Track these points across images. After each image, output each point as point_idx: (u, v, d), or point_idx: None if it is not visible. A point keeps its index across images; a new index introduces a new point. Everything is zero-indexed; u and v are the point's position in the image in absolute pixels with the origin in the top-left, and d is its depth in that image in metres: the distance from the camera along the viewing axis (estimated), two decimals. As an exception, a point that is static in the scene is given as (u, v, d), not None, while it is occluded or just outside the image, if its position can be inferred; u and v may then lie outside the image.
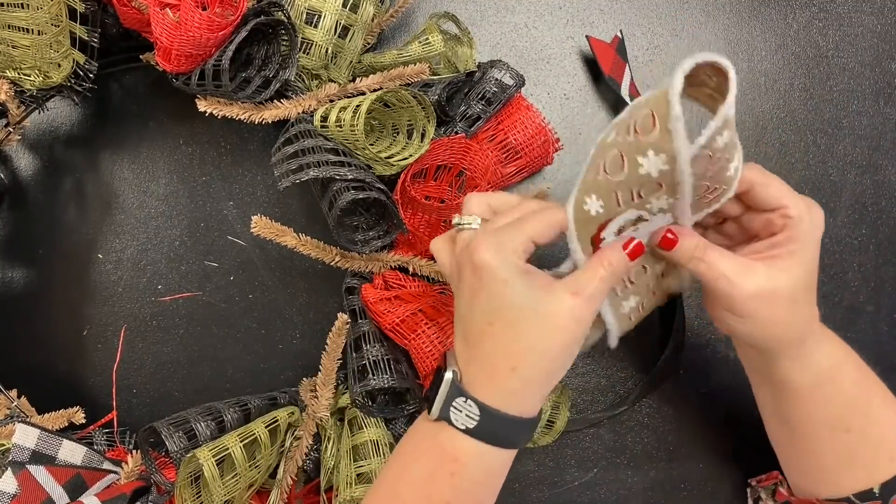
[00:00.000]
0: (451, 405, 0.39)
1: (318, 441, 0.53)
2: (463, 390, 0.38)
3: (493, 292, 0.38)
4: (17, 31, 0.47)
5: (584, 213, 0.40)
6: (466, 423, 0.38)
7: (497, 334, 0.38)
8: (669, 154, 0.35)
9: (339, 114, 0.48)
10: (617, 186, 0.38)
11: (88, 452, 0.52)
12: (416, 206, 0.49)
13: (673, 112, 0.34)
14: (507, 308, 0.37)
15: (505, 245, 0.38)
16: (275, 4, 0.47)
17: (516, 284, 0.37)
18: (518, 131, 0.54)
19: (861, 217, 0.59)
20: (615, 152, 0.37)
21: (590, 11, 0.59)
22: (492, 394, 0.38)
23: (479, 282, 0.38)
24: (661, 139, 0.35)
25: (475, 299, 0.38)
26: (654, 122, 0.35)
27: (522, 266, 0.38)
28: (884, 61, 0.59)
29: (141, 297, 0.59)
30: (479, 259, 0.38)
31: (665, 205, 0.38)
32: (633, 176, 0.37)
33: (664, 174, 0.36)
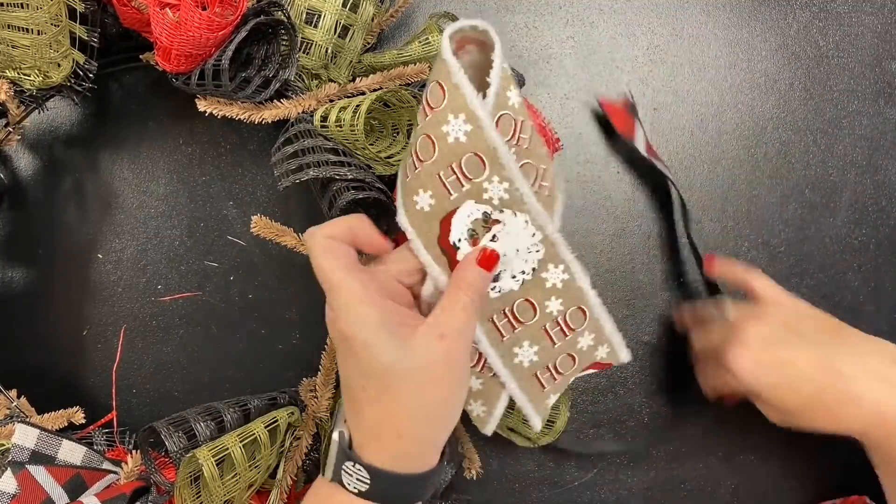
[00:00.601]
0: (342, 468, 0.37)
1: (318, 441, 0.53)
2: (351, 454, 0.37)
3: (358, 358, 0.35)
4: (17, 31, 0.47)
5: (418, 212, 0.38)
6: (358, 487, 0.36)
7: (373, 399, 0.36)
8: (467, 112, 0.35)
9: (339, 114, 0.48)
10: (436, 167, 0.37)
11: (88, 452, 0.52)
12: (415, 206, 0.49)
13: (451, 67, 0.34)
14: (375, 372, 0.35)
15: (351, 298, 0.36)
16: (275, 4, 0.47)
17: (378, 345, 0.35)
18: (518, 131, 0.54)
19: (861, 217, 0.59)
20: (422, 137, 0.36)
21: (590, 11, 0.59)
22: (381, 457, 0.36)
23: (343, 348, 0.36)
24: (453, 98, 0.35)
25: (345, 366, 0.37)
26: (442, 90, 0.35)
27: (377, 316, 0.35)
28: (884, 61, 0.59)
29: (141, 297, 0.59)
30: (335, 330, 0.36)
31: (504, 193, 0.37)
32: (446, 149, 0.36)
33: (473, 138, 0.35)
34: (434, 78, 0.36)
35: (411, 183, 0.38)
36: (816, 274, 0.59)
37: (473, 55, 0.38)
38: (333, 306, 0.37)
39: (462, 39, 0.37)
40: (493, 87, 0.36)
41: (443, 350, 0.35)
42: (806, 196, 0.59)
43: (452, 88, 0.35)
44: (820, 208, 0.59)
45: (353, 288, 0.36)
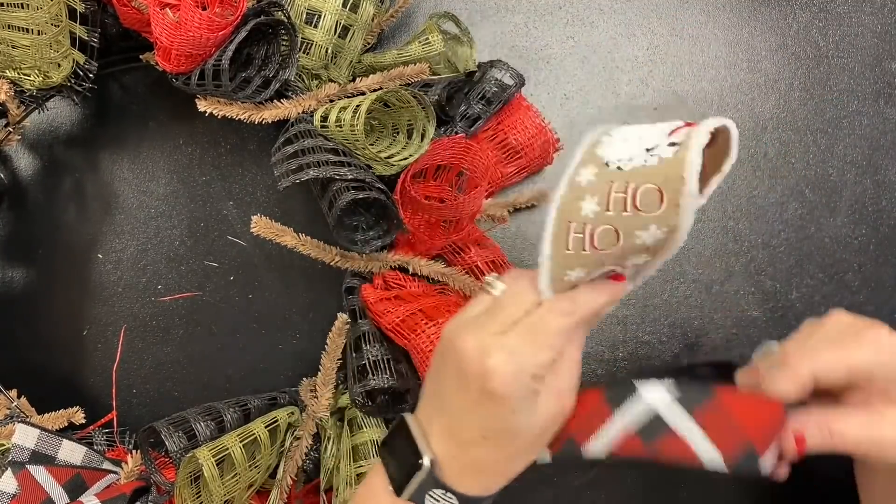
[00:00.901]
0: (428, 494, 0.37)
1: (318, 441, 0.53)
2: (442, 483, 0.37)
3: (497, 417, 0.36)
4: (17, 31, 0.47)
5: (565, 282, 0.37)
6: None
7: (490, 447, 0.37)
8: (672, 227, 0.33)
9: (339, 114, 0.48)
10: (608, 259, 0.36)
11: (88, 452, 0.52)
12: (416, 206, 0.49)
13: (688, 189, 0.32)
14: (506, 431, 0.36)
15: (526, 373, 0.35)
16: (275, 4, 0.47)
17: (522, 412, 0.36)
18: (518, 131, 0.54)
19: (861, 217, 0.59)
20: (608, 228, 0.34)
21: (590, 11, 0.59)
22: (473, 489, 0.38)
23: (486, 401, 0.36)
24: (668, 214, 0.33)
25: (475, 411, 0.36)
26: (661, 199, 0.33)
27: (535, 389, 0.36)
28: (884, 61, 0.59)
29: (141, 297, 0.59)
30: (494, 386, 0.35)
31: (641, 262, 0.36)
32: (629, 247, 0.35)
33: (658, 242, 0.34)
34: (656, 181, 0.33)
35: (571, 258, 0.36)
36: (816, 274, 0.59)
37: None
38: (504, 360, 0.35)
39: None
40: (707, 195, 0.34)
41: (559, 408, 0.37)
42: (806, 196, 0.59)
43: (673, 206, 0.32)
44: (820, 208, 0.59)
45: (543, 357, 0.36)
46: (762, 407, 0.36)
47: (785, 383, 0.37)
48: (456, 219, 0.50)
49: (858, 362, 0.37)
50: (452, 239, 0.53)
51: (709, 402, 0.36)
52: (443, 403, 0.39)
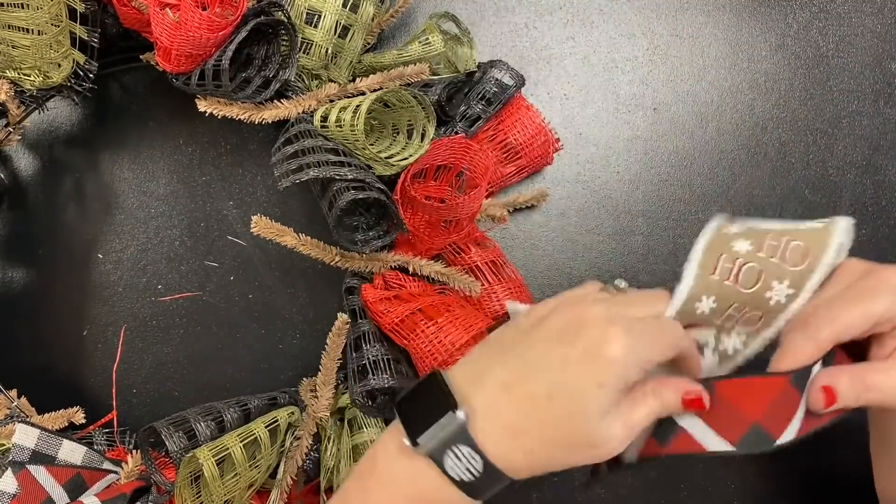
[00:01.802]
0: (451, 448, 0.34)
1: (318, 441, 0.53)
2: (473, 441, 0.34)
3: (582, 380, 0.34)
4: (17, 31, 0.47)
5: (692, 309, 0.39)
6: (462, 476, 0.34)
7: (546, 411, 0.34)
8: (797, 291, 0.37)
9: (339, 114, 0.48)
10: (739, 298, 0.38)
11: (88, 452, 0.52)
12: (416, 206, 0.49)
13: (827, 258, 0.37)
14: (577, 405, 0.34)
15: (640, 357, 0.34)
16: (275, 4, 0.47)
17: (605, 397, 0.34)
18: (518, 131, 0.54)
19: (861, 217, 0.59)
20: (754, 267, 0.38)
21: (590, 11, 0.59)
22: (500, 457, 0.35)
23: (583, 361, 0.34)
24: (804, 275, 0.37)
25: (562, 368, 0.35)
26: (805, 258, 0.37)
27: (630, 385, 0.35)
28: (884, 61, 0.59)
29: (141, 297, 0.59)
30: (608, 350, 0.34)
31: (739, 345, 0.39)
32: (758, 297, 0.38)
33: (774, 309, 0.38)
34: (807, 240, 0.38)
35: (713, 285, 0.39)
36: None
37: None
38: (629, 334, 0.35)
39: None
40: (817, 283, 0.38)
41: (619, 433, 0.35)
42: (806, 196, 0.59)
43: (810, 269, 0.37)
44: (820, 208, 0.59)
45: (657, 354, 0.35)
46: (759, 387, 0.36)
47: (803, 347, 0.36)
48: (456, 219, 0.50)
49: (880, 312, 0.35)
50: (452, 239, 0.53)
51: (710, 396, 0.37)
52: (517, 353, 0.36)
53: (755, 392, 0.36)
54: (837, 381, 0.35)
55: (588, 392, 0.34)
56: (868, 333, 0.37)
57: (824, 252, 0.37)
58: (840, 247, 0.38)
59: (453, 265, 0.54)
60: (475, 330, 0.49)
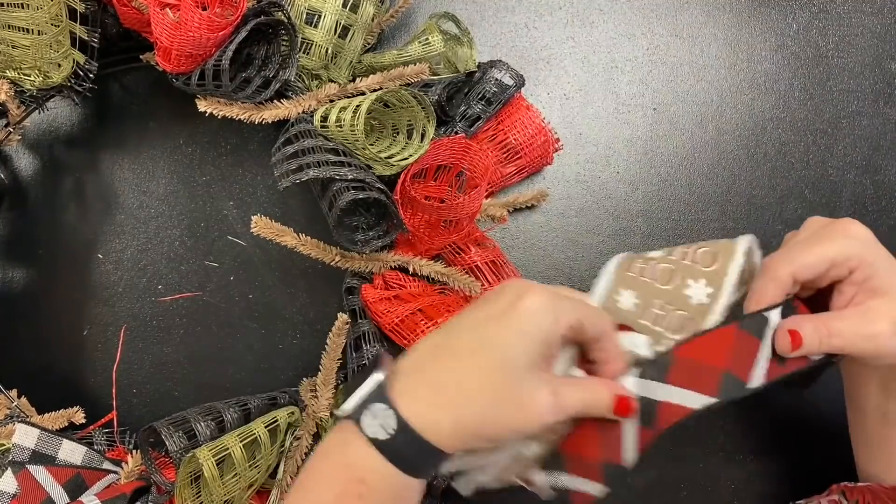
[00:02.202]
0: (368, 408, 0.34)
1: (318, 441, 0.53)
2: (387, 397, 0.34)
3: (504, 332, 0.35)
4: (17, 31, 0.47)
5: (613, 303, 0.41)
6: (377, 434, 0.34)
7: (467, 364, 0.35)
8: (718, 289, 0.40)
9: (339, 114, 0.48)
10: (658, 295, 0.41)
11: (88, 452, 0.52)
12: (416, 206, 0.49)
13: (736, 261, 0.40)
14: (500, 355, 0.35)
15: (557, 310, 0.36)
16: (275, 4, 0.47)
17: (528, 345, 0.35)
18: (518, 131, 0.54)
19: (861, 217, 0.59)
20: (668, 267, 0.41)
21: (590, 11, 0.59)
22: (419, 415, 0.34)
23: (504, 316, 0.36)
24: (717, 276, 0.40)
25: (483, 324, 0.36)
26: (714, 260, 0.41)
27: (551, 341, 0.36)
28: (884, 61, 0.59)
29: (141, 297, 0.59)
30: (525, 301, 0.35)
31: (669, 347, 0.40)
32: (677, 294, 0.40)
33: (699, 311, 0.40)
34: (714, 248, 0.41)
35: (630, 279, 0.42)
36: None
37: None
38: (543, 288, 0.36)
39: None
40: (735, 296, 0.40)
41: (546, 402, 0.35)
42: (806, 196, 0.59)
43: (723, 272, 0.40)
44: (820, 208, 0.59)
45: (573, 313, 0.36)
46: (715, 340, 0.39)
47: (765, 287, 0.39)
48: (456, 219, 0.50)
49: (833, 254, 0.39)
50: (452, 239, 0.53)
51: (672, 365, 0.38)
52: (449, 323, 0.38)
53: (713, 345, 0.38)
54: (802, 326, 0.38)
55: (511, 341, 0.35)
56: (826, 278, 0.40)
57: (733, 255, 0.40)
58: (748, 251, 0.41)
59: (453, 265, 0.54)
60: (475, 330, 0.49)
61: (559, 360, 0.39)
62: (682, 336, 0.39)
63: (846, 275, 0.39)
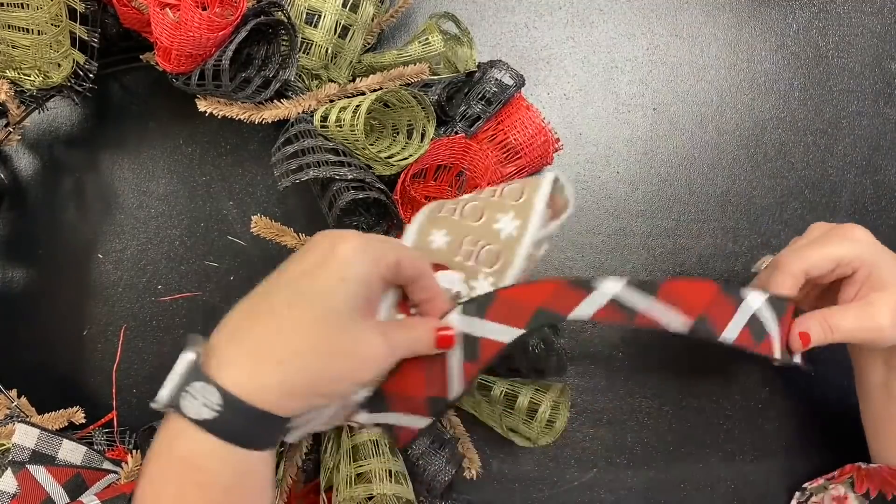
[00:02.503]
0: (185, 390, 0.32)
1: (318, 441, 0.53)
2: (202, 375, 0.32)
3: (321, 280, 0.34)
4: (17, 31, 0.47)
5: (427, 243, 0.43)
6: (202, 414, 0.31)
7: (287, 320, 0.33)
8: (525, 223, 0.41)
9: (339, 114, 0.48)
10: (469, 231, 0.42)
11: (88, 452, 0.52)
12: (416, 206, 0.49)
13: (542, 191, 0.41)
14: (318, 301, 0.33)
15: (374, 251, 0.35)
16: (275, 4, 0.47)
17: (348, 290, 0.34)
18: (518, 131, 0.54)
19: (861, 217, 0.59)
20: (477, 204, 0.42)
21: (590, 11, 0.59)
22: (241, 380, 0.32)
23: (320, 266, 0.34)
24: (524, 209, 0.41)
25: (298, 279, 0.34)
26: (521, 194, 0.42)
27: (370, 283, 0.35)
28: (884, 61, 0.59)
29: (141, 297, 0.59)
30: (340, 249, 0.35)
31: (489, 287, 0.41)
32: (486, 228, 0.42)
33: (508, 244, 0.41)
34: (522, 184, 0.42)
35: (440, 220, 0.43)
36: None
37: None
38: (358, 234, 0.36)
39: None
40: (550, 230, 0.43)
41: (378, 345, 0.35)
42: (806, 196, 0.59)
43: (529, 204, 0.42)
44: (820, 208, 0.59)
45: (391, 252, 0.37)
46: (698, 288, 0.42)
47: (782, 281, 0.45)
48: (456, 219, 0.50)
49: (840, 254, 0.44)
50: (452, 239, 0.53)
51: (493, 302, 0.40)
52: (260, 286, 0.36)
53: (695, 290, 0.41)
54: (809, 325, 0.43)
55: (330, 289, 0.34)
56: (832, 275, 0.46)
57: (538, 188, 0.42)
58: (555, 182, 0.42)
59: (453, 265, 0.54)
60: (475, 330, 0.49)
61: (381, 306, 0.39)
62: (493, 269, 0.41)
63: (850, 273, 0.45)
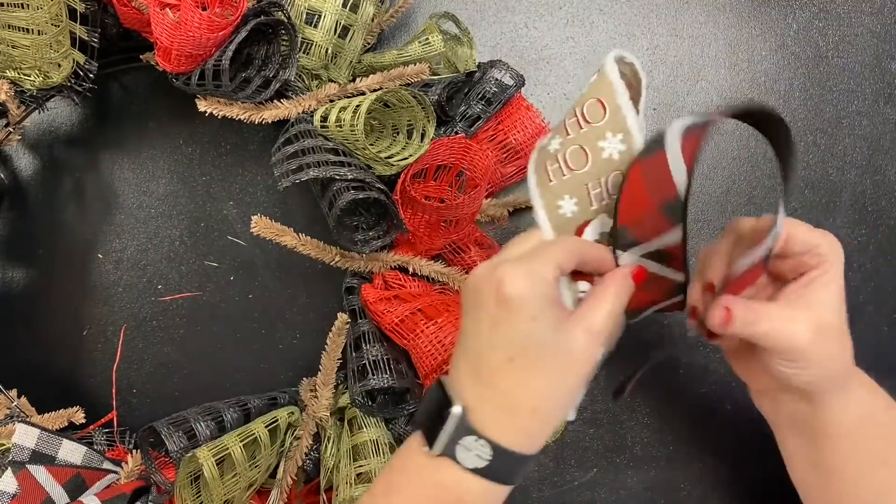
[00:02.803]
0: (458, 443, 0.36)
1: (318, 441, 0.53)
2: (473, 429, 0.36)
3: (517, 327, 0.36)
4: (17, 31, 0.47)
5: (560, 217, 0.40)
6: (476, 464, 0.36)
7: (516, 371, 0.36)
8: (625, 130, 0.38)
9: (339, 114, 0.48)
10: (586, 178, 0.40)
11: (88, 452, 0.52)
12: (416, 206, 0.49)
13: (616, 88, 0.38)
14: (530, 345, 0.36)
15: (536, 274, 0.36)
16: (275, 4, 0.47)
17: (543, 320, 0.36)
18: (518, 131, 0.54)
19: (861, 217, 0.59)
20: (575, 147, 0.40)
21: (590, 11, 0.59)
22: (508, 435, 0.36)
23: (504, 314, 0.36)
24: (614, 118, 0.38)
25: (496, 331, 0.36)
26: (603, 108, 0.39)
27: (551, 297, 0.36)
28: (884, 61, 0.59)
29: (141, 297, 0.59)
30: (509, 291, 0.36)
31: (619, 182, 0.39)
32: (598, 163, 0.39)
33: (624, 159, 0.39)
34: (594, 95, 0.39)
35: (557, 188, 0.40)
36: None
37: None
38: (512, 266, 0.36)
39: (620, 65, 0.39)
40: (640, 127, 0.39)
41: (587, 343, 0.36)
42: (806, 196, 0.59)
43: (615, 109, 0.38)
44: (820, 208, 0.59)
45: (549, 264, 0.37)
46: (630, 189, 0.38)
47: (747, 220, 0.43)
48: (456, 219, 0.50)
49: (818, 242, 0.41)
50: (452, 239, 0.53)
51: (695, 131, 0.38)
52: (466, 343, 0.38)
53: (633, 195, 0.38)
54: (735, 305, 0.39)
55: (529, 330, 0.36)
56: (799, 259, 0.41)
57: (611, 87, 0.38)
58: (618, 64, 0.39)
59: (453, 265, 0.54)
60: (475, 330, 0.49)
61: (563, 295, 0.40)
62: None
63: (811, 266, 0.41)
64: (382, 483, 0.40)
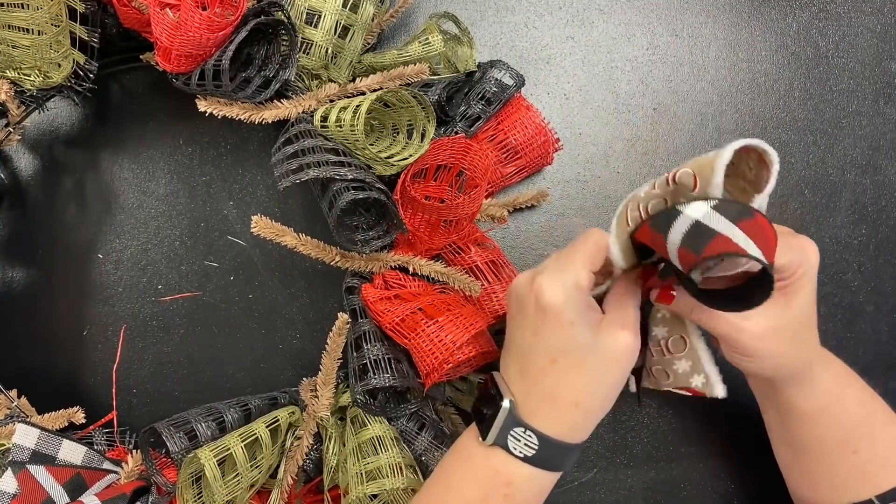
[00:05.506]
0: (509, 433, 0.40)
1: (319, 441, 0.53)
2: (521, 420, 0.40)
3: (557, 333, 0.39)
4: (17, 31, 0.47)
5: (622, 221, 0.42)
6: (525, 452, 0.40)
7: (559, 371, 0.39)
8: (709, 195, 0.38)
9: (339, 114, 0.48)
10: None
11: (88, 452, 0.52)
12: (416, 206, 0.49)
13: (715, 179, 0.36)
14: (571, 348, 0.39)
15: (568, 283, 0.39)
16: (275, 4, 0.47)
17: (579, 325, 0.39)
18: (518, 131, 0.54)
19: (861, 217, 0.59)
20: (658, 199, 0.40)
21: (590, 11, 0.59)
22: (553, 425, 0.40)
23: (543, 321, 0.39)
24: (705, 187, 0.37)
25: (538, 337, 0.40)
26: (695, 183, 0.38)
27: (585, 302, 0.40)
28: (884, 61, 0.59)
29: (141, 297, 0.59)
30: (546, 301, 0.39)
31: None
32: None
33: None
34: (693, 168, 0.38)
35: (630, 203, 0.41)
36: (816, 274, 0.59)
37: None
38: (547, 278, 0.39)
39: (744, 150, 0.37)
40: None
41: (624, 339, 0.39)
42: (806, 196, 0.59)
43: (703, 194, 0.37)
44: (820, 208, 0.59)
45: (580, 271, 0.39)
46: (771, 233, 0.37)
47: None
48: (456, 219, 0.50)
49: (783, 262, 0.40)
50: (452, 239, 0.53)
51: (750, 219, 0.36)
52: (512, 345, 0.42)
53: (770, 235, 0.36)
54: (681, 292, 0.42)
55: (567, 335, 0.39)
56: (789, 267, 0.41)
57: (713, 175, 0.36)
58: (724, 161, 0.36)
59: (453, 265, 0.54)
60: (475, 328, 0.49)
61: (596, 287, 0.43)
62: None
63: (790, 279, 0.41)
64: (440, 471, 0.44)
